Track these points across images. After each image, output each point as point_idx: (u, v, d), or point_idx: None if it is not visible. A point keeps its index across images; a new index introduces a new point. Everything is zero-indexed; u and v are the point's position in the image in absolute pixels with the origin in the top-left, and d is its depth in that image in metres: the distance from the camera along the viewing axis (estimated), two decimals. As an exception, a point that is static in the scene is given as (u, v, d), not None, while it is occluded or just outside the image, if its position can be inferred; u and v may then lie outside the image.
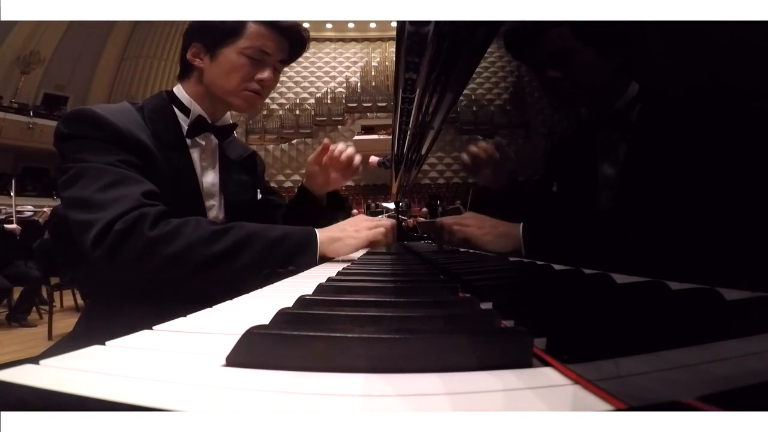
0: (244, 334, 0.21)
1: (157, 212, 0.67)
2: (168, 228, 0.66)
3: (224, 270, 0.67)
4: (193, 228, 0.67)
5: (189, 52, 0.83)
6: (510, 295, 0.35)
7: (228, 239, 0.68)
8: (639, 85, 0.80)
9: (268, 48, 0.82)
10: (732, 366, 0.19)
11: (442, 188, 11.76)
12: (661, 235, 0.65)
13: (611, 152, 0.84)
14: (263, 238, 0.70)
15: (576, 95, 0.83)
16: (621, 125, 0.80)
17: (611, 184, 0.84)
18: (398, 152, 1.00)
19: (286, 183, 12.29)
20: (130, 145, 0.72)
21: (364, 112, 12.72)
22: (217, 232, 0.68)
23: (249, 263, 0.68)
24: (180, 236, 0.66)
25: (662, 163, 0.72)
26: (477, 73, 11.91)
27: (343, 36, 13.73)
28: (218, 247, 0.67)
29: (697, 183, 0.67)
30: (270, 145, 12.47)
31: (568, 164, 0.96)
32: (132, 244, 0.64)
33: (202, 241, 0.67)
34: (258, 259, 0.68)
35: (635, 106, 0.79)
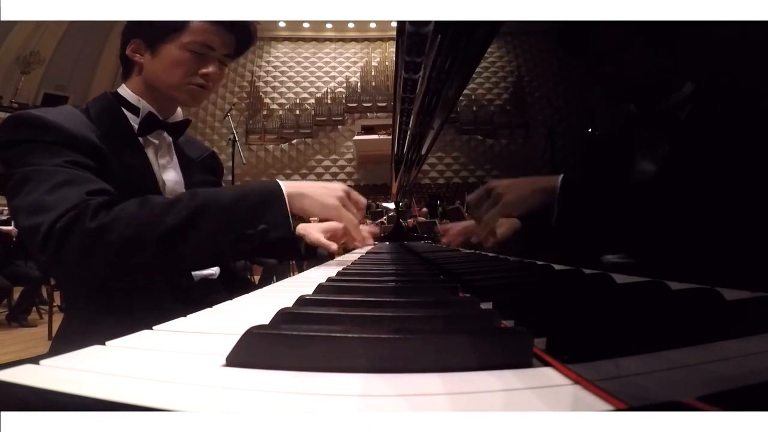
0: (244, 334, 0.21)
1: (98, 203, 0.61)
2: (111, 214, 0.59)
3: (186, 245, 0.60)
4: (138, 207, 0.61)
5: (128, 48, 0.80)
6: (510, 295, 0.35)
7: (180, 210, 0.61)
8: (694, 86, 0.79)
9: (213, 43, 0.80)
10: (732, 366, 0.19)
11: (442, 188, 11.76)
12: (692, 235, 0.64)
13: (649, 151, 0.83)
14: (220, 200, 0.63)
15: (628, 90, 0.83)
16: (665, 124, 0.80)
17: (644, 181, 0.83)
18: (398, 152, 1.00)
19: (286, 183, 12.26)
20: (78, 145, 0.68)
21: (364, 112, 12.71)
22: (167, 205, 0.61)
23: (212, 231, 0.61)
24: (125, 219, 0.59)
25: (693, 164, 0.72)
26: (477, 73, 11.91)
27: (343, 36, 13.72)
28: (172, 220, 0.60)
29: (727, 185, 0.66)
30: (270, 145, 12.46)
31: (604, 160, 0.95)
32: (75, 240, 0.58)
33: (152, 218, 0.60)
34: (220, 224, 0.62)
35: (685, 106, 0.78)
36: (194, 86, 0.81)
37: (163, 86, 0.80)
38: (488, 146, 12.32)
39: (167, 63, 0.79)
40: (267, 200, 0.65)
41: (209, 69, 0.81)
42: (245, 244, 0.62)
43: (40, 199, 0.61)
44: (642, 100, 0.84)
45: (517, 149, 12.07)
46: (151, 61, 0.80)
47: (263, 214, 0.64)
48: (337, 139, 12.65)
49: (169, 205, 0.61)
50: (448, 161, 12.29)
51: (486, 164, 12.24)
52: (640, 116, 0.85)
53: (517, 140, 12.16)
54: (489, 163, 12.25)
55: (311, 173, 12.44)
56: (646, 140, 0.84)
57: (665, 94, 0.80)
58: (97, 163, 0.70)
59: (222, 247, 0.62)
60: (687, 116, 0.77)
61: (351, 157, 12.44)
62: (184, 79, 0.80)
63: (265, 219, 0.63)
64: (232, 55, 0.85)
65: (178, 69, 0.79)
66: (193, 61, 0.79)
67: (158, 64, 0.79)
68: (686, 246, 0.62)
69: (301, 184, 0.70)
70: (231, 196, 0.64)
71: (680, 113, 0.78)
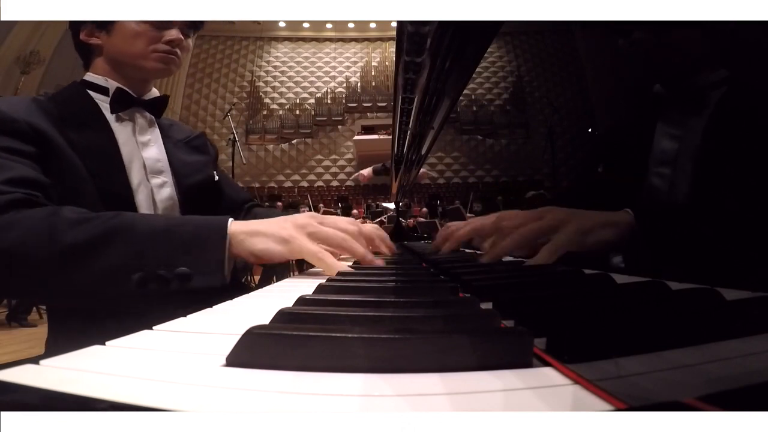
0: (244, 334, 0.21)
1: (7, 200, 0.53)
2: (11, 218, 0.51)
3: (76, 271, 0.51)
4: (43, 216, 0.52)
5: (81, 34, 0.79)
6: (510, 295, 0.35)
7: (87, 229, 0.51)
8: (728, 72, 0.77)
9: None
10: (732, 366, 0.19)
11: (442, 188, 11.76)
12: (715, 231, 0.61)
13: (673, 132, 0.81)
14: (139, 228, 0.53)
15: (662, 64, 0.80)
16: (694, 104, 0.77)
17: (666, 163, 0.80)
18: (398, 152, 1.00)
19: (286, 183, 12.29)
20: (17, 130, 0.64)
21: (364, 112, 12.72)
22: (75, 222, 0.52)
23: (114, 262, 0.51)
24: (19, 226, 0.51)
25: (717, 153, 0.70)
26: (477, 73, 11.92)
27: (343, 36, 13.73)
28: (67, 239, 0.50)
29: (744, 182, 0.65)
30: (270, 145, 12.47)
31: (623, 144, 0.93)
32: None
33: (48, 232, 0.50)
34: (127, 256, 0.51)
35: (715, 89, 0.76)
36: (161, 53, 0.80)
37: (129, 58, 0.79)
38: (488, 146, 12.34)
39: (126, 37, 0.78)
40: (199, 239, 0.53)
41: (172, 34, 0.80)
42: (154, 285, 0.50)
43: None
44: (677, 78, 0.80)
45: (517, 149, 12.08)
46: (108, 40, 0.79)
47: (188, 254, 0.52)
48: (337, 139, 12.66)
49: (78, 222, 0.52)
50: (448, 161, 12.30)
51: (486, 164, 12.25)
52: (669, 97, 0.82)
53: (517, 140, 12.17)
54: (489, 163, 12.25)
55: (311, 173, 12.46)
56: (673, 124, 0.81)
57: (697, 74, 0.77)
58: (41, 149, 0.65)
59: (122, 284, 0.50)
60: (720, 102, 0.75)
61: (351, 157, 12.46)
62: (148, 47, 0.79)
63: (189, 261, 0.52)
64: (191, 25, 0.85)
65: (139, 39, 0.78)
66: (152, 30, 0.79)
67: (117, 40, 0.79)
68: (686, 246, 0.62)
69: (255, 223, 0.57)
70: (155, 226, 0.54)
71: (713, 96, 0.75)
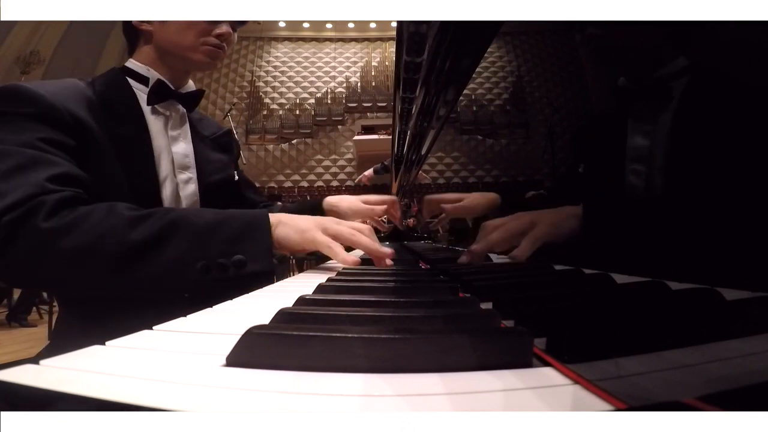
0: (244, 334, 0.21)
1: (58, 199, 0.55)
2: (70, 217, 0.54)
3: (147, 264, 0.54)
4: (103, 215, 0.55)
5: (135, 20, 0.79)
6: (510, 295, 0.35)
7: (149, 226, 0.55)
8: (688, 60, 0.76)
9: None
10: (732, 366, 0.19)
11: (442, 188, 11.75)
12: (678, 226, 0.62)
13: (642, 127, 0.80)
14: (195, 221, 0.58)
15: (618, 57, 0.80)
16: (657, 96, 0.76)
17: (639, 159, 0.80)
18: (398, 152, 1.00)
19: (286, 183, 12.28)
20: (57, 120, 0.64)
21: (364, 112, 12.72)
22: (136, 219, 0.56)
23: (179, 255, 0.55)
24: (84, 225, 0.53)
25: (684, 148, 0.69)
26: (477, 73, 11.92)
27: (343, 36, 13.72)
28: (136, 235, 0.54)
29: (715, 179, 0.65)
30: (270, 145, 12.47)
31: (597, 141, 0.92)
32: (22, 239, 0.52)
33: (115, 229, 0.54)
34: (189, 246, 0.56)
35: (677, 79, 0.75)
36: (210, 47, 0.81)
37: (178, 49, 0.80)
38: (488, 146, 12.33)
39: (179, 25, 0.78)
40: (248, 228, 0.59)
41: (223, 29, 0.81)
42: (216, 273, 0.55)
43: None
44: (637, 69, 0.80)
45: (517, 149, 12.07)
46: (161, 27, 0.79)
47: (241, 243, 0.57)
48: (337, 139, 12.65)
49: (138, 219, 0.56)
50: (448, 161, 12.30)
51: (486, 164, 12.24)
52: (633, 90, 0.81)
53: (517, 140, 12.16)
54: (489, 163, 12.25)
55: (311, 173, 12.45)
56: (643, 119, 0.80)
57: (658, 65, 0.76)
58: (80, 141, 0.66)
59: (187, 274, 0.55)
60: (684, 93, 0.74)
61: (351, 157, 12.45)
62: (198, 39, 0.79)
63: (243, 249, 0.57)
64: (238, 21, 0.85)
65: (191, 30, 0.79)
66: (205, 22, 0.79)
67: (170, 28, 0.79)
68: (686, 246, 0.62)
69: (285, 215, 0.64)
70: (208, 219, 0.58)
71: (675, 87, 0.75)
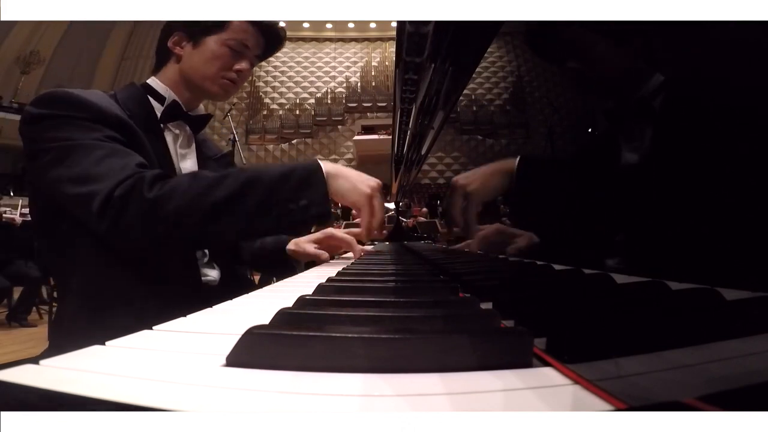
0: (244, 334, 0.21)
1: (153, 175, 0.66)
2: (167, 186, 0.65)
3: (236, 214, 0.65)
4: (190, 180, 0.66)
5: (170, 40, 0.86)
6: (510, 295, 0.35)
7: (228, 184, 0.66)
8: (663, 76, 0.78)
9: (248, 42, 0.87)
10: (732, 366, 0.19)
11: (442, 188, 11.74)
12: (673, 233, 0.65)
13: (628, 145, 0.83)
14: (267, 175, 0.68)
15: (599, 86, 0.84)
16: (642, 115, 0.79)
17: (629, 176, 0.83)
18: (398, 152, 1.00)
19: (286, 183, 12.28)
20: (112, 123, 0.72)
21: (364, 112, 12.71)
22: (217, 179, 0.67)
23: (258, 204, 0.66)
24: (179, 191, 0.64)
25: (675, 157, 0.72)
26: (477, 73, 11.91)
27: (343, 36, 13.72)
28: (222, 192, 0.65)
29: (708, 181, 0.66)
30: (270, 145, 12.46)
31: (589, 158, 0.97)
32: (134, 208, 0.63)
33: (204, 190, 0.65)
34: (266, 197, 0.66)
35: (657, 96, 0.77)
36: (227, 80, 0.87)
37: (199, 76, 0.86)
38: (488, 146, 12.32)
39: (207, 55, 0.85)
40: (309, 178, 0.69)
41: (243, 65, 0.87)
42: (287, 218, 0.66)
43: (88, 169, 0.65)
44: (619, 94, 0.84)
45: (517, 149, 12.06)
46: (191, 53, 0.86)
47: (305, 191, 0.68)
48: (337, 139, 12.64)
49: (219, 179, 0.66)
50: (448, 161, 12.29)
51: (486, 164, 12.23)
52: (619, 112, 0.85)
53: (517, 140, 12.15)
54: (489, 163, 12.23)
55: (311, 173, 12.42)
56: (632, 135, 0.83)
57: (639, 85, 0.79)
58: (128, 141, 0.73)
59: (266, 219, 0.66)
60: (664, 105, 0.76)
61: (351, 157, 12.44)
62: (220, 72, 0.86)
63: (307, 196, 0.67)
64: (260, 56, 0.92)
65: (216, 61, 0.85)
66: (230, 56, 0.86)
67: (198, 56, 0.85)
68: (686, 246, 0.62)
69: (339, 167, 0.74)
70: (277, 172, 0.68)
71: (655, 102, 0.77)
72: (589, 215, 0.76)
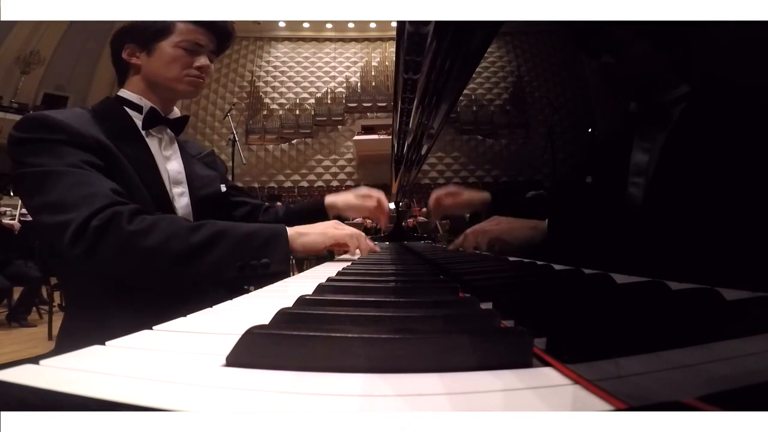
0: (244, 334, 0.21)
1: (131, 209, 0.69)
2: (145, 223, 0.68)
3: (201, 262, 0.69)
4: (168, 223, 0.70)
5: (124, 53, 0.88)
6: (510, 295, 0.35)
7: (203, 232, 0.70)
8: (690, 86, 0.80)
9: (201, 40, 0.90)
10: (732, 366, 0.19)
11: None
12: (681, 234, 0.65)
13: (645, 147, 0.85)
14: (236, 231, 0.73)
15: (628, 85, 0.85)
16: (660, 120, 0.81)
17: (641, 177, 0.85)
18: (398, 152, 1.00)
19: (286, 183, 12.28)
20: (88, 145, 0.74)
21: (364, 112, 12.71)
22: (192, 227, 0.71)
23: (224, 255, 0.70)
24: (156, 230, 0.67)
25: (687, 163, 0.73)
26: (477, 73, 11.91)
27: (343, 36, 13.72)
28: (194, 239, 0.69)
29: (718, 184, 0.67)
30: (270, 145, 12.47)
31: (604, 156, 0.98)
32: (111, 239, 0.65)
33: (178, 234, 0.69)
34: (232, 250, 0.71)
35: (679, 104, 0.79)
36: (192, 77, 0.90)
37: (164, 80, 0.89)
38: (488, 146, 12.33)
39: (165, 60, 0.88)
40: (273, 239, 0.75)
41: (201, 61, 0.91)
42: (248, 272, 0.71)
43: (63, 197, 0.67)
44: (643, 97, 0.85)
45: (517, 149, 12.07)
46: (148, 61, 0.88)
47: (267, 249, 0.73)
48: (337, 139, 12.64)
49: (195, 227, 0.71)
50: (448, 161, 12.29)
51: (486, 164, 12.24)
52: (639, 114, 0.86)
53: (517, 140, 12.15)
54: (489, 163, 12.25)
55: (311, 173, 12.45)
56: (646, 138, 0.85)
57: (664, 92, 0.81)
58: (105, 161, 0.76)
59: (230, 271, 0.70)
60: (682, 114, 0.77)
61: (351, 157, 12.45)
62: (182, 72, 0.89)
63: (269, 254, 0.72)
64: (215, 51, 0.95)
65: (175, 63, 0.88)
66: (186, 56, 0.89)
67: (157, 62, 0.88)
68: (686, 246, 0.62)
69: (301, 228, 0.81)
70: (244, 230, 0.74)
71: (674, 111, 0.79)
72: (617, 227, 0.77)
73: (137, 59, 0.88)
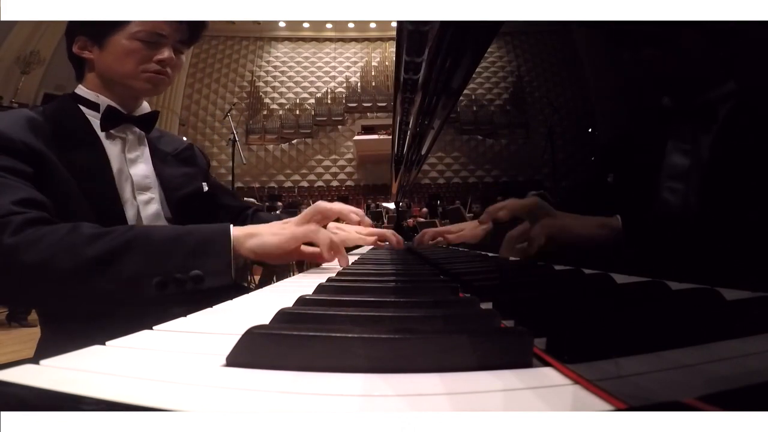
0: (244, 334, 0.21)
1: (23, 219, 0.57)
2: (32, 235, 0.56)
3: (102, 280, 0.56)
4: (64, 233, 0.57)
5: (74, 46, 0.80)
6: (510, 295, 0.35)
7: (106, 242, 0.57)
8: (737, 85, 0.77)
9: (163, 30, 0.80)
10: (732, 366, 0.19)
11: (442, 188, 11.76)
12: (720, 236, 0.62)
13: (682, 146, 0.81)
14: (153, 237, 0.59)
15: (668, 78, 0.82)
16: (702, 118, 0.78)
17: (676, 176, 0.81)
18: (398, 152, 1.00)
19: (286, 183, 12.29)
20: (14, 150, 0.66)
21: (364, 112, 12.72)
22: (94, 236, 0.58)
23: (136, 268, 0.56)
24: (44, 242, 0.56)
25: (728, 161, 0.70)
26: (477, 73, 11.91)
27: (343, 36, 13.73)
28: (91, 252, 0.56)
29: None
30: (270, 145, 12.48)
31: (632, 154, 0.93)
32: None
33: (72, 245, 0.56)
34: (146, 263, 0.57)
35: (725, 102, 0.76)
36: (151, 74, 0.80)
37: (118, 77, 0.80)
38: (488, 146, 12.34)
39: (118, 54, 0.78)
40: (207, 243, 0.60)
41: (164, 55, 0.80)
42: (173, 288, 0.57)
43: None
44: (688, 93, 0.81)
45: (517, 149, 12.08)
46: (100, 55, 0.79)
47: (200, 257, 0.58)
48: (337, 139, 12.66)
49: (97, 236, 0.58)
50: (448, 161, 12.30)
51: (486, 164, 12.25)
52: (672, 111, 0.83)
53: (517, 140, 12.17)
54: (489, 163, 12.26)
55: (311, 173, 12.46)
56: (683, 137, 0.81)
57: (708, 88, 0.78)
58: (37, 168, 0.67)
59: (143, 288, 0.56)
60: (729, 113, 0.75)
61: (351, 157, 12.46)
62: (138, 67, 0.79)
63: (201, 263, 0.58)
64: (186, 41, 0.85)
65: (130, 57, 0.78)
66: (145, 48, 0.79)
67: (108, 57, 0.79)
68: (686, 246, 0.62)
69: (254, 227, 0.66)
70: (166, 235, 0.60)
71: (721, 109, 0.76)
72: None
73: (89, 53, 0.80)
